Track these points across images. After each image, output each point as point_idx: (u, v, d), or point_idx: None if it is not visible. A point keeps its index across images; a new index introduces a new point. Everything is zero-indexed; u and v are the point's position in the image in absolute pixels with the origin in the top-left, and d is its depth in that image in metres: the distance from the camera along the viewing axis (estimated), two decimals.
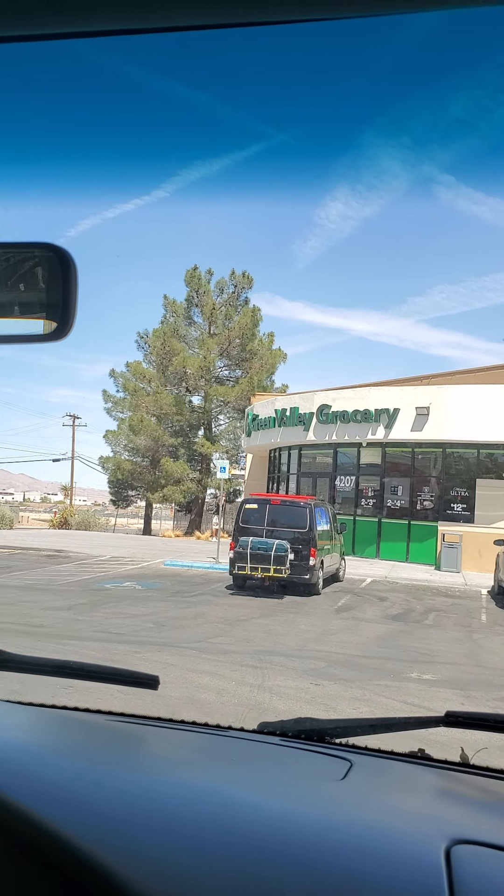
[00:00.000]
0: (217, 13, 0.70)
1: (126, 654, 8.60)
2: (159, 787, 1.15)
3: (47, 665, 1.61)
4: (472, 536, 20.49)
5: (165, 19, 0.71)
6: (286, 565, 14.26)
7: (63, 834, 0.92)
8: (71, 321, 0.96)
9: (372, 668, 8.69)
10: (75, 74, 2.51)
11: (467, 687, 8.07)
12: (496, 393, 20.84)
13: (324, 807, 1.12)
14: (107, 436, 39.72)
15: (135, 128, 10.61)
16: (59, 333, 0.97)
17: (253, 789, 1.19)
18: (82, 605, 12.31)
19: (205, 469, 37.80)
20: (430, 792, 1.33)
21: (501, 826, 1.12)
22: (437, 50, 3.70)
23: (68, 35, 0.76)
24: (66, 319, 0.96)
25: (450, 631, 11.77)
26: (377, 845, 0.97)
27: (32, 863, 0.92)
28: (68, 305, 0.96)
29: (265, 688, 7.35)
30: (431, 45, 3.44)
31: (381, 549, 22.76)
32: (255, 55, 1.78)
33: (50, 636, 9.44)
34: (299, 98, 14.23)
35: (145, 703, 5.96)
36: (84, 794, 1.05)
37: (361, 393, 23.00)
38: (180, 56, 1.97)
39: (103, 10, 0.71)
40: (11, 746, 1.25)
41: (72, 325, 0.96)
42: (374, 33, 1.42)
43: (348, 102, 16.41)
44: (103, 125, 7.58)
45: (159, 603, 13.03)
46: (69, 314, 0.96)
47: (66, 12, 0.72)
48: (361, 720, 1.53)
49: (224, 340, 36.79)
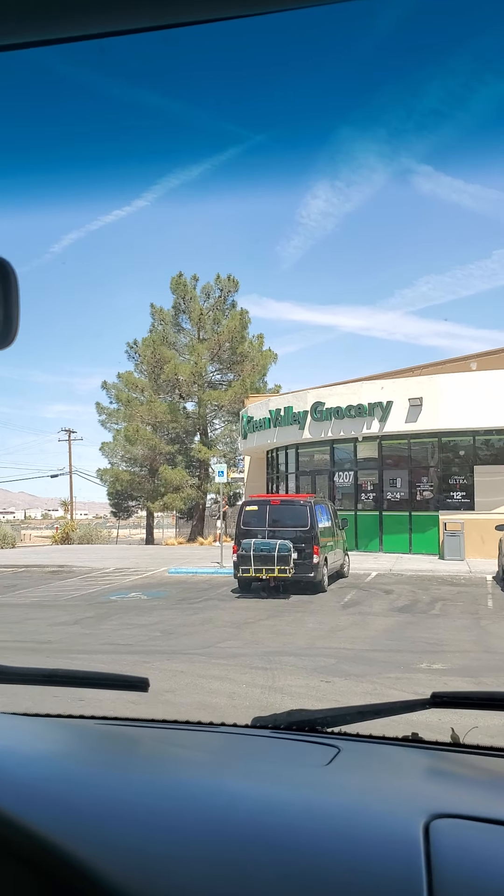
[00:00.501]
0: (183, 12, 0.70)
1: (135, 664, 8.58)
2: (141, 782, 1.15)
3: (37, 675, 1.61)
4: (473, 523, 20.51)
5: (131, 21, 0.71)
6: (290, 565, 14.26)
7: (38, 832, 0.93)
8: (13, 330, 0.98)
9: (382, 662, 8.69)
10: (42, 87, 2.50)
11: (478, 674, 8.08)
12: (488, 379, 20.88)
13: (304, 792, 1.13)
14: (103, 448, 39.73)
15: (107, 138, 10.57)
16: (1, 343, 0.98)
17: (235, 780, 1.20)
18: (89, 618, 12.30)
19: (203, 474, 37.80)
20: (416, 772, 1.33)
21: (482, 798, 1.13)
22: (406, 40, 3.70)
23: (33, 44, 0.76)
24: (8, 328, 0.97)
25: (457, 619, 11.78)
26: (356, 825, 0.98)
27: (10, 863, 0.93)
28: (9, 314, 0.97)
29: (276, 688, 7.35)
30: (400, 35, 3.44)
31: (384, 543, 22.78)
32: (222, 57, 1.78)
33: (58, 652, 9.43)
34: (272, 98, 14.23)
35: (156, 711, 5.96)
36: (62, 793, 1.06)
37: (354, 388, 23.02)
38: (150, 63, 1.97)
39: (64, 17, 0.71)
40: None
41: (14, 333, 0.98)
42: (341, 27, 1.42)
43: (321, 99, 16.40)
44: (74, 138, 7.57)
45: (166, 611, 13.01)
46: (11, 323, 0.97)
47: (30, 21, 0.72)
48: (350, 708, 1.53)
49: (214, 345, 36.82)
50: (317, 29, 1.08)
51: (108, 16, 0.70)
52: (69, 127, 6.17)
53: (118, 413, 38.95)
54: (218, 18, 0.72)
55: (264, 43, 1.41)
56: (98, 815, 0.99)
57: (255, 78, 4.58)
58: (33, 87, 2.08)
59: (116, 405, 39.11)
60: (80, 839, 0.92)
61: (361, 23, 1.56)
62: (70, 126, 6.27)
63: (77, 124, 7.15)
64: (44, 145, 5.87)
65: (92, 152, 8.83)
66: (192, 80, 3.37)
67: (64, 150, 7.71)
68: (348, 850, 0.91)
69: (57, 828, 0.94)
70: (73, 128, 6.49)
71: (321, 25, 0.97)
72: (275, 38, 1.33)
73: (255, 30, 0.88)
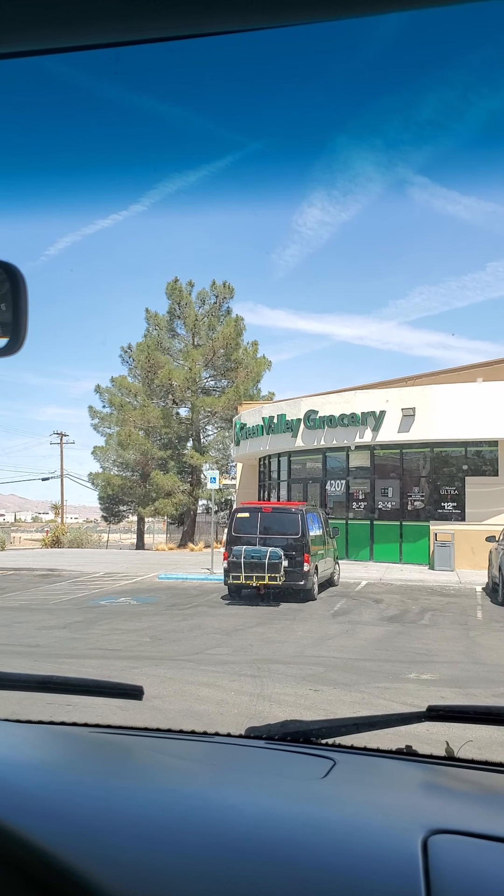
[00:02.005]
0: (188, 24, 0.71)
1: (123, 669, 8.55)
2: (138, 793, 1.14)
3: (30, 681, 1.60)
4: (463, 534, 20.55)
5: (136, 32, 0.71)
6: (281, 572, 14.25)
7: (36, 843, 0.92)
8: (22, 337, 0.97)
9: (370, 671, 8.68)
10: (41, 92, 2.51)
11: (466, 685, 8.08)
12: (480, 391, 20.97)
13: (302, 805, 1.12)
14: (95, 452, 39.63)
15: (106, 143, 10.61)
16: (10, 349, 0.98)
17: (232, 791, 1.19)
18: (77, 623, 12.24)
19: (195, 480, 37.74)
20: (412, 786, 1.33)
21: (480, 814, 1.13)
22: (405, 52, 3.73)
23: (32, 53, 0.76)
24: (17, 335, 0.97)
25: (446, 629, 11.79)
26: (354, 840, 0.98)
27: (7, 873, 0.92)
28: (19, 321, 0.97)
29: (264, 696, 7.33)
30: (399, 47, 3.47)
31: (375, 552, 22.79)
32: (223, 66, 1.80)
33: (46, 656, 9.38)
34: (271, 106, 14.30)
35: (144, 717, 5.93)
36: (59, 803, 1.05)
37: (347, 397, 23.08)
38: (151, 69, 1.98)
39: (66, 26, 0.72)
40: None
41: (23, 340, 0.98)
42: (340, 38, 1.43)
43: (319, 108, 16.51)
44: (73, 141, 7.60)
45: (155, 617, 12.97)
46: (20, 330, 0.97)
47: (35, 30, 0.72)
48: (345, 719, 1.53)
49: (208, 351, 36.83)
50: (317, 40, 1.09)
51: (111, 27, 0.70)
52: (67, 131, 6.20)
53: (111, 417, 38.90)
54: (220, 32, 0.72)
55: (264, 53, 1.42)
56: (97, 827, 0.98)
57: (254, 87, 4.60)
58: (32, 93, 2.09)
59: (109, 409, 39.06)
60: (79, 851, 0.91)
61: (361, 35, 1.58)
62: (68, 130, 6.30)
63: (75, 129, 7.16)
64: (41, 149, 5.88)
65: (89, 156, 8.84)
66: (192, 87, 3.39)
67: (61, 154, 7.73)
68: (348, 865, 0.91)
69: (55, 839, 0.93)
70: (71, 132, 6.52)
71: (321, 37, 0.98)
72: (275, 49, 1.34)
73: (255, 41, 0.89)
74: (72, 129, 7.67)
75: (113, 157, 8.65)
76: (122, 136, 11.85)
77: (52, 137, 5.19)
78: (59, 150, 6.66)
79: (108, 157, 9.24)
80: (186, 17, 0.69)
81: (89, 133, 7.84)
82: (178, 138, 18.68)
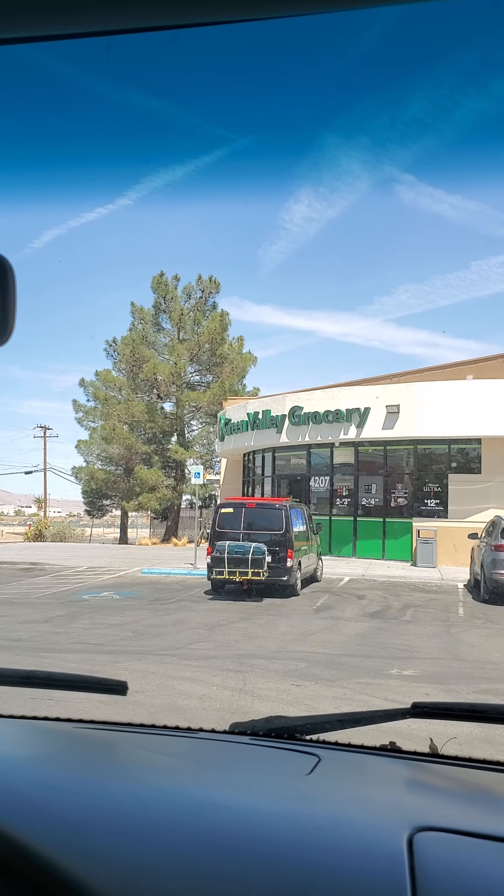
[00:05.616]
0: (176, 13, 0.70)
1: (106, 664, 8.53)
2: (123, 790, 1.14)
3: (14, 676, 1.58)
4: (446, 531, 20.68)
5: (124, 21, 0.71)
6: (264, 568, 14.27)
7: (19, 840, 0.91)
8: (10, 328, 0.96)
9: (352, 667, 8.73)
10: (27, 84, 2.49)
11: (447, 681, 8.14)
12: (464, 389, 21.08)
13: (288, 802, 1.12)
14: (79, 446, 39.46)
15: (93, 137, 10.52)
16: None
17: (217, 788, 1.19)
18: (60, 617, 12.20)
19: (179, 475, 37.69)
20: (397, 783, 1.33)
21: (465, 812, 1.14)
22: (392, 51, 3.74)
23: (20, 40, 0.76)
24: (5, 327, 0.96)
25: (428, 626, 11.87)
26: (340, 837, 0.98)
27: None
28: (7, 313, 0.96)
29: (246, 691, 7.34)
30: (387, 46, 3.48)
31: (358, 548, 22.88)
32: (212, 61, 1.79)
33: (28, 650, 9.34)
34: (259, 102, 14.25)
35: (126, 711, 5.93)
36: (44, 799, 1.04)
37: (332, 393, 23.12)
38: (139, 63, 1.97)
39: (56, 14, 0.71)
40: None
41: (11, 331, 0.96)
42: (329, 36, 1.43)
43: (307, 105, 16.49)
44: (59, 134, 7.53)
45: (138, 611, 12.95)
46: (7, 321, 0.96)
47: (20, 17, 0.71)
48: (330, 716, 1.53)
49: (194, 346, 36.76)
50: (305, 37, 1.09)
51: (98, 15, 0.70)
52: (53, 124, 6.15)
53: (95, 411, 38.73)
54: (210, 22, 0.72)
55: (253, 49, 1.42)
56: (82, 824, 0.98)
57: (243, 83, 4.60)
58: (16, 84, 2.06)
59: (94, 403, 38.88)
60: (62, 848, 0.90)
61: (349, 33, 1.58)
62: (54, 123, 6.25)
63: (62, 122, 7.11)
64: (25, 141, 5.84)
65: (75, 150, 8.79)
66: (180, 83, 3.37)
67: (47, 146, 7.67)
68: (334, 862, 0.91)
69: (38, 836, 0.92)
70: (57, 125, 6.47)
71: (310, 34, 0.98)
72: (264, 44, 1.34)
73: (244, 36, 0.89)
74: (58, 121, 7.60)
75: (99, 151, 8.58)
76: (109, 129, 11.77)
77: (37, 130, 5.15)
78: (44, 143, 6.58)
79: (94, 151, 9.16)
80: (175, 6, 0.69)
81: (76, 126, 7.78)
82: (166, 133, 18.61)
